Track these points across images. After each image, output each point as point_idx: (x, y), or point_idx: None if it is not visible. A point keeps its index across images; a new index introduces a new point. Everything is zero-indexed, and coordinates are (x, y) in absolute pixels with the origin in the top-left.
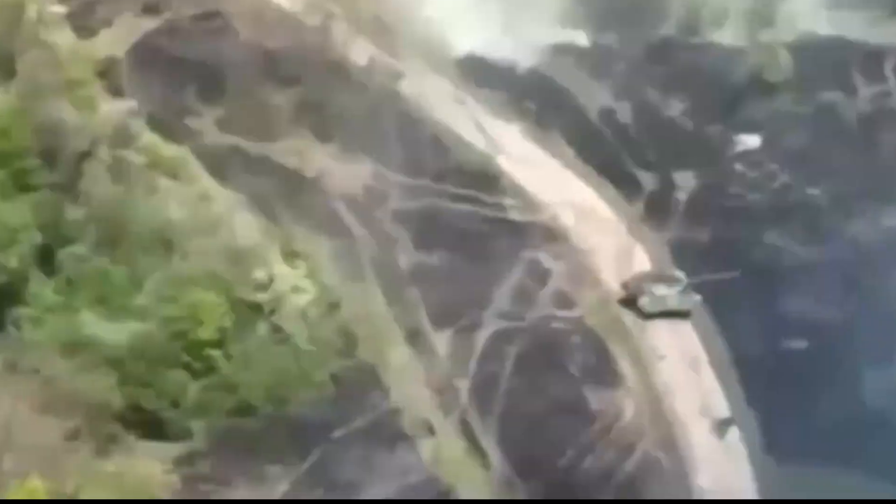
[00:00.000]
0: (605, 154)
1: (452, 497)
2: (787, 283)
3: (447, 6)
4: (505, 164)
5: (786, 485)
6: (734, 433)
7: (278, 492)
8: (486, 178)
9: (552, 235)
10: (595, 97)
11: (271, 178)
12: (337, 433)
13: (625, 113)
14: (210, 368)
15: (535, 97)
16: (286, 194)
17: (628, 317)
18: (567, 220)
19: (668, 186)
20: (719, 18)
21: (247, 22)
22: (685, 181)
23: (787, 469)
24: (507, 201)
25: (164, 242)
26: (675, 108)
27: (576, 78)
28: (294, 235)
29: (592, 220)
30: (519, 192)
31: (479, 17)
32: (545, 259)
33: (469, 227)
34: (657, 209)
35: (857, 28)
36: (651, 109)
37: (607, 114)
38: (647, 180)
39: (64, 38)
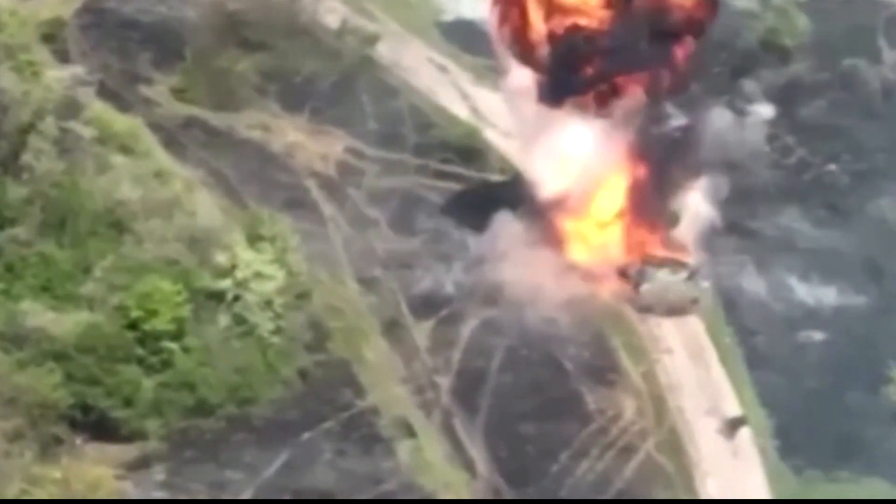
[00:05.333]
0: None
1: None
2: (805, 268)
3: None
4: (492, 136)
5: (802, 492)
6: (745, 434)
7: (241, 498)
8: (471, 153)
9: None
10: None
11: (234, 153)
12: (306, 435)
13: None
14: (166, 363)
15: None
16: (250, 171)
17: (629, 307)
18: None
19: None
20: None
21: None
22: None
23: (805, 474)
24: (495, 178)
25: (116, 224)
26: None
27: None
28: (259, 217)
29: None
30: (508, 168)
31: None
32: None
33: (455, 208)
34: None
35: None
36: None
37: None
38: None
39: None
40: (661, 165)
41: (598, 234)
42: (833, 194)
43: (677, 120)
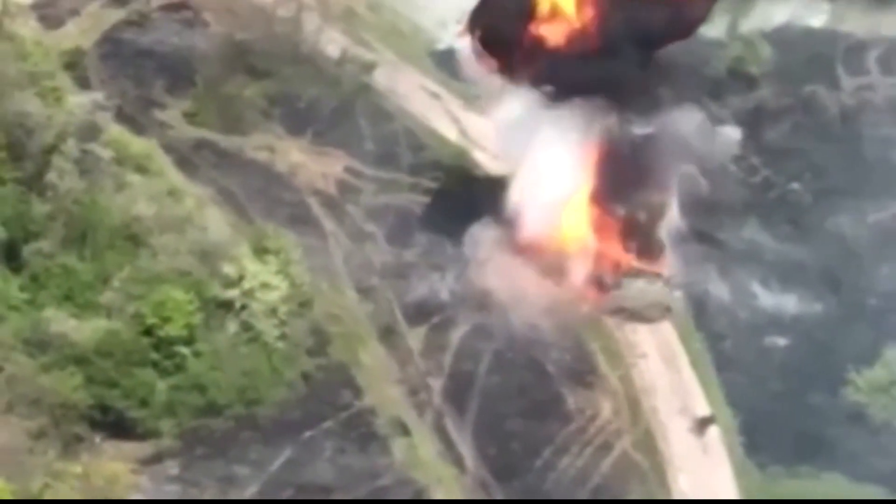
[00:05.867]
0: None
1: (426, 498)
2: (769, 278)
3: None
4: (480, 157)
5: (767, 486)
6: (714, 432)
7: (248, 493)
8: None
9: None
10: None
11: (241, 172)
12: (307, 434)
13: None
14: (178, 367)
15: None
16: (257, 189)
17: (607, 314)
18: None
19: None
20: None
21: (216, 12)
22: None
23: (768, 470)
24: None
25: (132, 238)
26: None
27: None
28: (265, 231)
29: None
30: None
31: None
32: None
33: (447, 223)
34: None
35: (840, 19)
36: None
37: None
38: None
39: (29, 28)
40: (627, 173)
41: (574, 245)
42: (795, 211)
43: (642, 128)
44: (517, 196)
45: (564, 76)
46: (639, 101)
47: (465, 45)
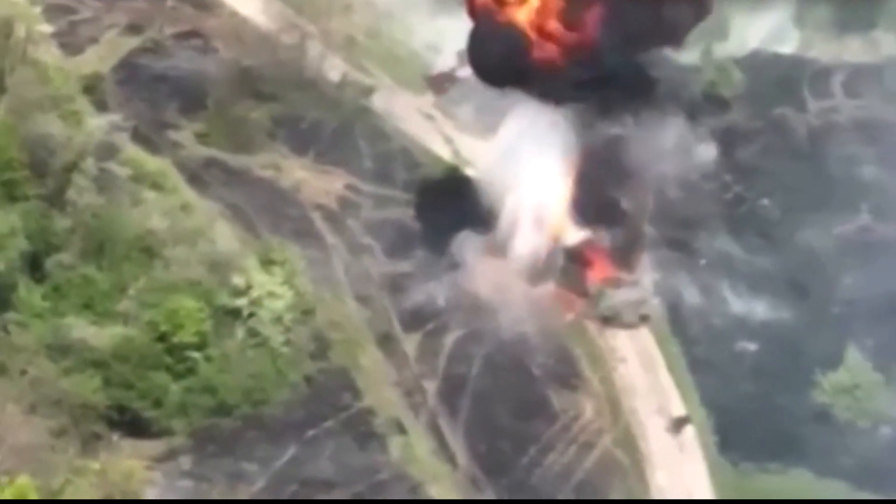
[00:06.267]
0: None
1: (421, 493)
2: (740, 288)
3: (417, 27)
4: (471, 174)
5: (739, 482)
6: (689, 431)
7: (255, 488)
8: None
9: None
10: None
11: (249, 189)
12: (310, 433)
13: None
14: (190, 370)
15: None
16: (263, 205)
17: (590, 320)
18: None
19: None
20: None
21: (226, 40)
22: None
23: (740, 467)
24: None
25: (147, 250)
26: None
27: None
28: (271, 244)
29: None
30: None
31: (451, 35)
32: None
33: (437, 235)
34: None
35: (807, 46)
36: None
37: None
38: None
39: (51, 55)
40: (609, 181)
41: (559, 254)
42: (765, 224)
43: (614, 129)
44: (506, 206)
45: (560, 88)
46: (625, 111)
47: (466, 73)
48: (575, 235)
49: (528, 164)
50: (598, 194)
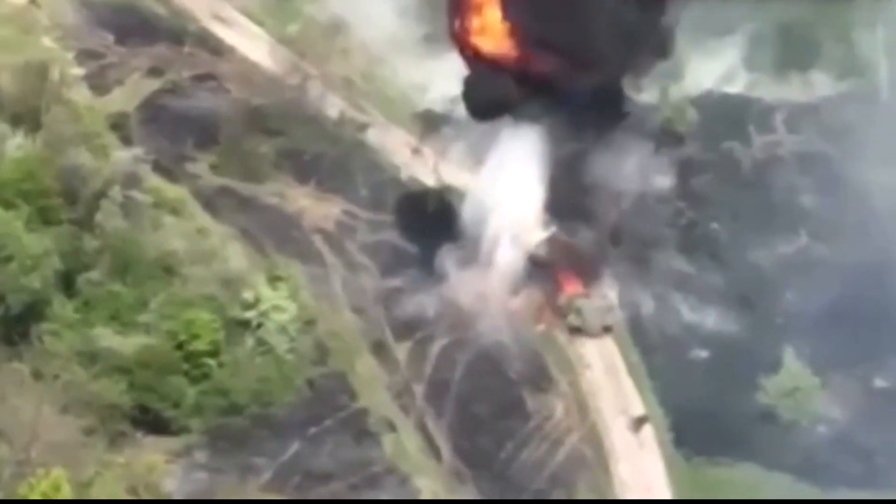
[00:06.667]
0: None
1: (410, 484)
2: (693, 302)
3: (407, 70)
4: (454, 199)
5: (692, 474)
6: (648, 429)
7: (262, 480)
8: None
9: None
10: None
11: (257, 214)
12: (312, 430)
13: None
14: (205, 375)
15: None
16: (270, 228)
17: (559, 331)
18: None
19: None
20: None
21: (236, 82)
22: None
23: (693, 460)
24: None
25: (167, 269)
26: None
27: None
28: (276, 263)
29: None
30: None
31: (437, 77)
32: None
33: (426, 256)
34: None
35: (753, 87)
36: None
37: None
38: None
39: (82, 95)
40: (578, 200)
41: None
42: (715, 246)
43: (582, 144)
44: (488, 223)
45: (538, 110)
46: (594, 131)
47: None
48: (542, 241)
49: (507, 184)
50: (567, 198)
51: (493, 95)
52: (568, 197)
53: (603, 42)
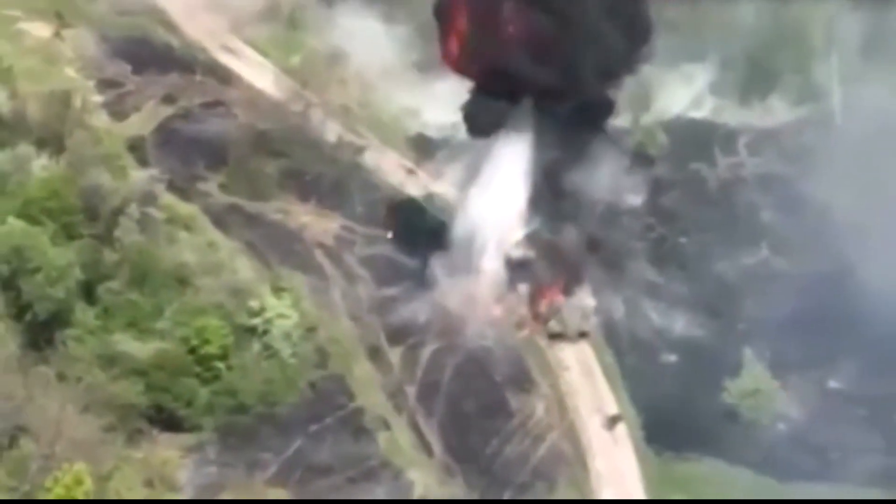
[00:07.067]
0: None
1: (404, 477)
2: (663, 309)
3: (403, 95)
4: (444, 214)
5: (662, 468)
6: (621, 427)
7: (268, 473)
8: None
9: None
10: None
11: (263, 229)
12: (313, 428)
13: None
14: (215, 377)
15: None
16: (274, 242)
17: (540, 337)
18: None
19: None
20: None
21: (243, 108)
22: None
23: (663, 455)
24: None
25: (180, 280)
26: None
27: None
28: (280, 274)
29: None
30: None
31: (428, 102)
32: None
33: (417, 268)
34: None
35: (718, 113)
36: None
37: None
38: None
39: (102, 121)
40: (560, 212)
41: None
42: (683, 258)
43: (555, 153)
44: (476, 233)
45: (526, 118)
46: (579, 143)
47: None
48: (524, 238)
49: (495, 196)
50: (548, 202)
51: (489, 114)
52: (549, 201)
53: (588, 71)
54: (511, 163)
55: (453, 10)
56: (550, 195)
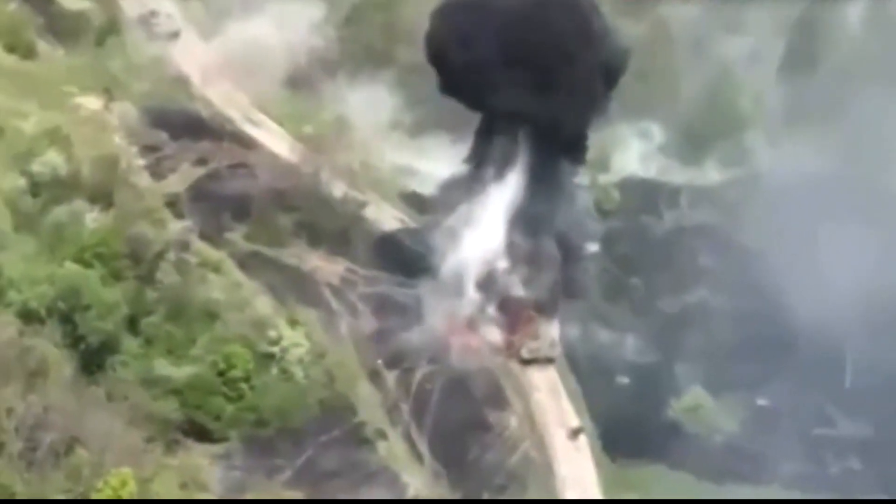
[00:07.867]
0: None
1: (399, 481)
2: (617, 339)
3: (396, 159)
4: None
5: (617, 472)
6: (582, 438)
7: (284, 477)
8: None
9: None
10: None
11: (280, 272)
12: (322, 439)
13: None
14: (240, 396)
15: None
16: (290, 283)
17: (514, 362)
18: None
19: None
20: None
21: (264, 170)
22: None
23: (618, 462)
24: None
25: (210, 315)
26: None
27: None
28: (295, 310)
29: None
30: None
31: (422, 160)
32: None
33: (410, 303)
34: None
35: (663, 173)
36: None
37: None
38: None
39: (144, 180)
40: (532, 255)
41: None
42: (634, 296)
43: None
44: (463, 269)
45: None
46: (557, 187)
47: None
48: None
49: (480, 238)
50: (524, 246)
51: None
52: (528, 243)
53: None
54: (497, 203)
55: None
56: (530, 237)
